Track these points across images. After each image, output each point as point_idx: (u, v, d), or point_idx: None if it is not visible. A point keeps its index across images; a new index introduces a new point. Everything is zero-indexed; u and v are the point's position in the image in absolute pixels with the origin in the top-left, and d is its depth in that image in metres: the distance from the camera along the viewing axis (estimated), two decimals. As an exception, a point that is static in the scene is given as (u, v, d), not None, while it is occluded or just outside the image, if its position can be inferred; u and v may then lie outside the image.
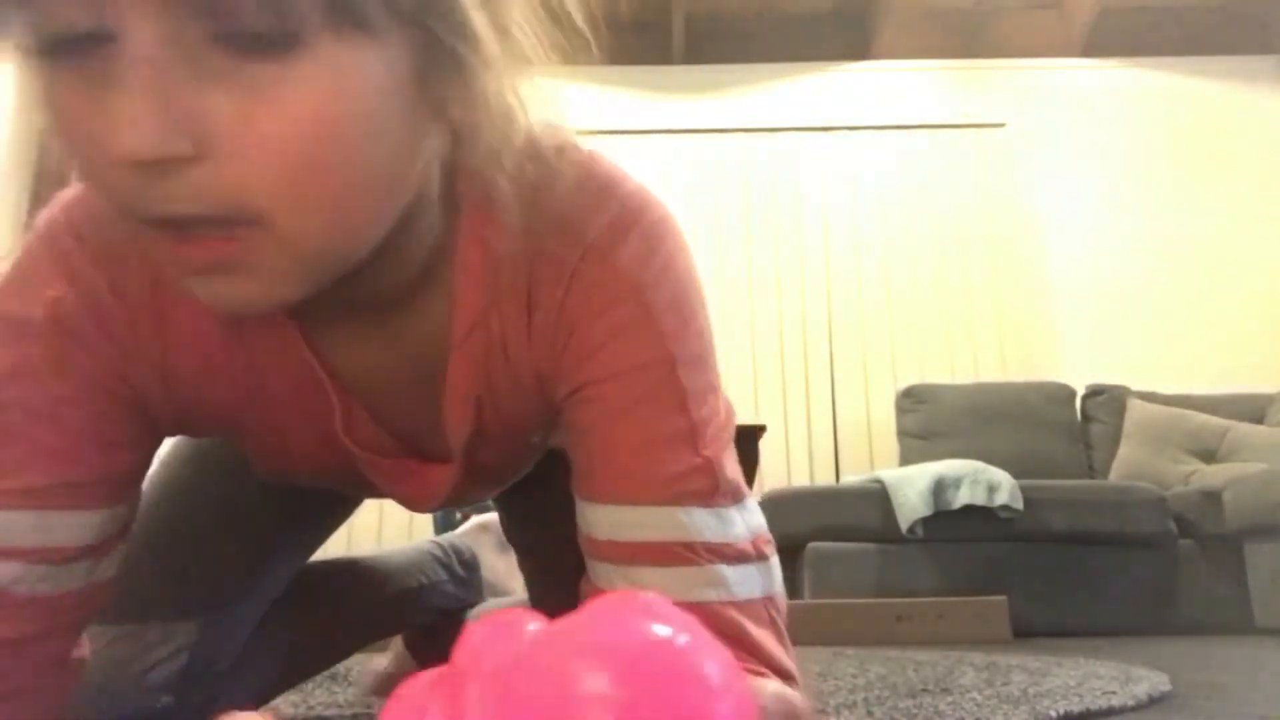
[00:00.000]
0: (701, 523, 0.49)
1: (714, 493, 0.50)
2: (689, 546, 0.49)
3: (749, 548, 0.51)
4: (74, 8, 0.34)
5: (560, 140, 0.51)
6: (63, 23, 0.35)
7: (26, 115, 0.40)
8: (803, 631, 2.39)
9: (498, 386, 0.55)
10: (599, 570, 0.51)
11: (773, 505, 2.92)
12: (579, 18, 0.45)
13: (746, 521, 0.52)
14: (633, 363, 0.51)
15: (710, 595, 0.48)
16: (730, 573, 0.49)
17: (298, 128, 0.37)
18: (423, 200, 0.48)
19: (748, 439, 3.21)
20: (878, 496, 2.84)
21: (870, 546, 2.78)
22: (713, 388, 0.54)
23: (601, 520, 0.51)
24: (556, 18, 0.44)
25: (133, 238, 0.42)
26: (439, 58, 0.40)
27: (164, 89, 0.35)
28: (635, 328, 0.51)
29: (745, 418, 3.77)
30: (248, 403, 0.54)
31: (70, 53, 0.36)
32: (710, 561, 0.49)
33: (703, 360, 0.53)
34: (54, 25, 0.35)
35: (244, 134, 0.36)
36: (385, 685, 0.99)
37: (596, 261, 0.51)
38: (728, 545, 0.50)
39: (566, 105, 0.48)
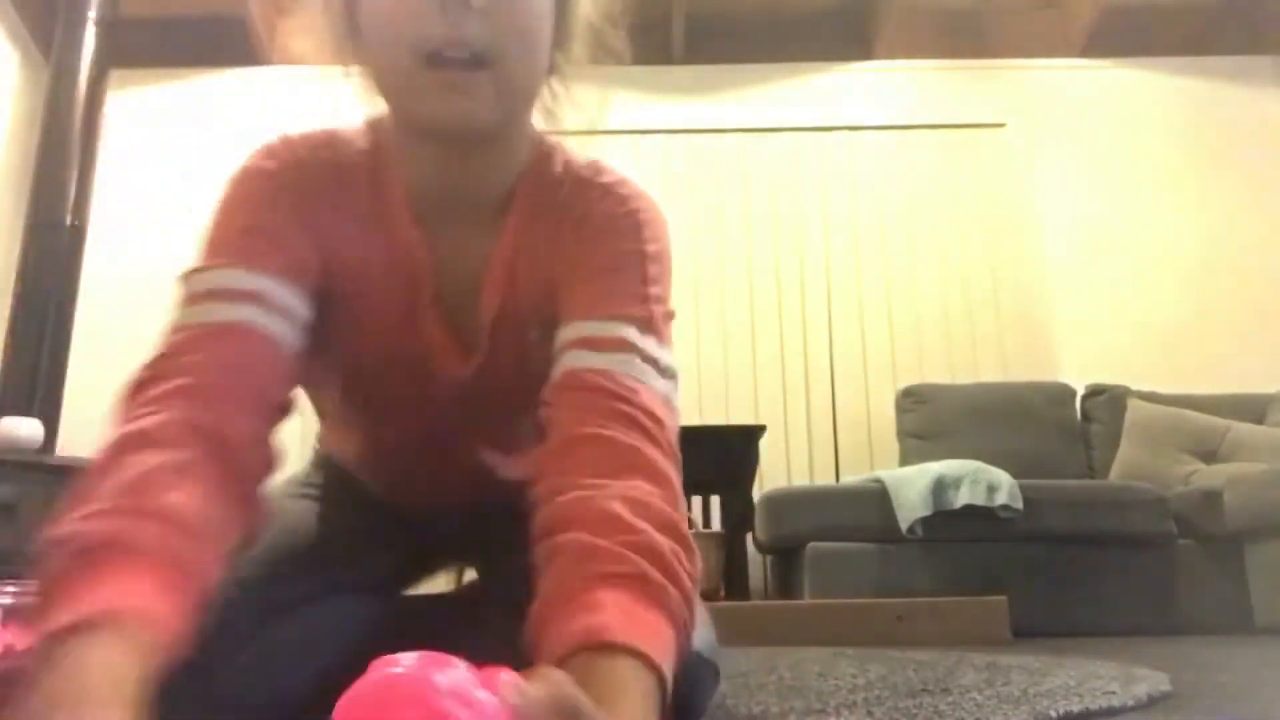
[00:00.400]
0: (636, 336, 0.70)
1: (649, 328, 0.71)
2: (626, 343, 0.69)
3: (669, 369, 0.71)
4: None
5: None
6: None
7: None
8: (803, 631, 2.39)
9: (522, 273, 0.78)
10: (558, 363, 0.71)
11: (773, 505, 2.92)
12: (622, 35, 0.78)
13: (669, 359, 0.72)
14: (617, 243, 0.76)
15: (635, 376, 0.68)
16: (651, 371, 0.69)
17: (530, 16, 0.70)
18: (523, 132, 0.79)
19: (748, 439, 3.21)
20: (878, 496, 2.84)
21: (870, 546, 2.78)
22: (663, 291, 0.75)
23: (566, 332, 0.72)
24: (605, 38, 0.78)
25: (410, 73, 0.68)
26: (563, 32, 0.75)
27: None
28: (626, 229, 0.76)
29: (745, 418, 3.78)
30: (369, 266, 0.77)
31: None
32: (641, 359, 0.69)
33: (663, 269, 0.76)
34: None
35: (508, 11, 0.68)
36: None
37: (613, 202, 0.78)
38: (654, 359, 0.70)
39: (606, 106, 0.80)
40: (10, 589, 0.74)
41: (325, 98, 0.76)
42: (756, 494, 3.10)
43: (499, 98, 0.70)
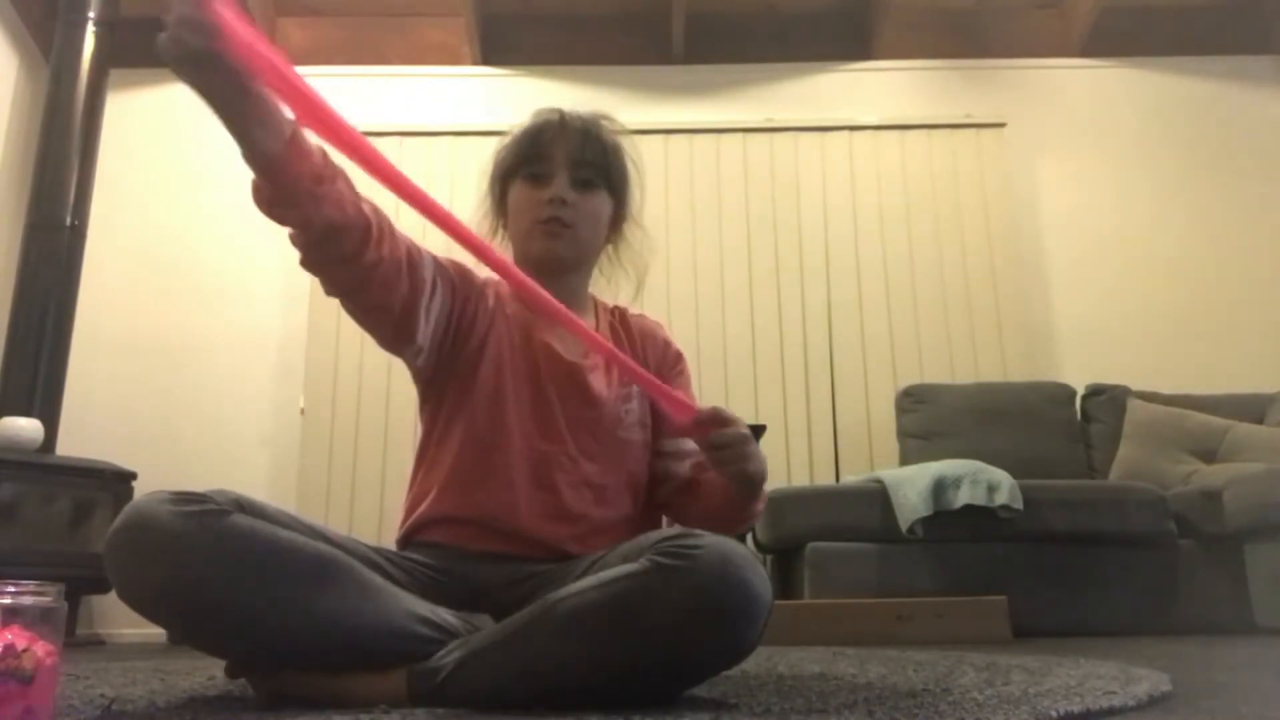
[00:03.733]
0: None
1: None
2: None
3: None
4: (544, 165, 1.28)
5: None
6: (539, 171, 1.28)
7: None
8: (803, 631, 2.39)
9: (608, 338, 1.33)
10: (672, 465, 1.32)
11: (773, 505, 2.92)
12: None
13: None
14: (673, 359, 1.38)
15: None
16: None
17: (592, 211, 1.30)
18: (587, 276, 1.36)
19: (748, 439, 3.21)
20: (878, 496, 2.84)
21: (870, 546, 2.78)
22: (690, 383, 1.40)
23: (669, 444, 1.30)
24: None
25: (529, 228, 1.27)
26: (617, 219, 1.36)
27: (564, 187, 1.27)
28: (676, 348, 1.40)
29: (745, 418, 3.75)
30: (501, 315, 1.29)
31: (533, 178, 1.28)
32: None
33: (685, 361, 1.42)
34: (534, 170, 1.28)
35: (580, 207, 1.28)
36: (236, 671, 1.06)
37: (655, 326, 1.40)
38: None
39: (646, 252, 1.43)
40: (10, 589, 0.73)
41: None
42: (756, 494, 3.10)
43: (573, 246, 1.27)
